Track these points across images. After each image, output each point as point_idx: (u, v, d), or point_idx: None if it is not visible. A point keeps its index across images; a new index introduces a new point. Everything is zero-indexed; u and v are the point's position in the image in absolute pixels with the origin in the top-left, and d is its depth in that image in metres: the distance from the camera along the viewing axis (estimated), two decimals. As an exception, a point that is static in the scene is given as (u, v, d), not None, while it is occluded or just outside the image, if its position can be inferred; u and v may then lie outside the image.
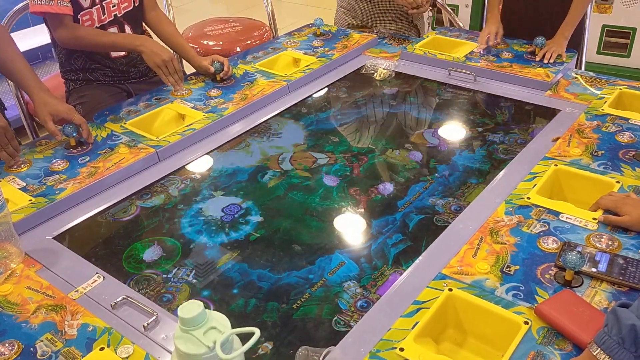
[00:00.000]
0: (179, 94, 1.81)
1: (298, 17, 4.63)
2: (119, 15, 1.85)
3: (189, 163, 1.55)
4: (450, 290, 1.04)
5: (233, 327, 0.84)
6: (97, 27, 1.80)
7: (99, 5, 1.79)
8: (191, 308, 0.77)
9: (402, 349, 0.94)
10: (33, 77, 1.56)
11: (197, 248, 1.27)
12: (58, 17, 1.71)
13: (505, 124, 1.69)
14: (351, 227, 1.33)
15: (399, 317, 1.00)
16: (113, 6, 1.83)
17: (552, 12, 2.04)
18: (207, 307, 1.09)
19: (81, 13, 1.76)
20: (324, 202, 1.40)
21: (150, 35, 2.07)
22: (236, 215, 1.35)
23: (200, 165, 1.56)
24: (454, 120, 1.76)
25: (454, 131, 1.71)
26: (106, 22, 1.83)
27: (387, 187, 1.44)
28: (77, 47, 1.82)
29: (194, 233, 1.31)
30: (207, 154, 1.59)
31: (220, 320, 0.80)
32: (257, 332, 0.77)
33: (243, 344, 0.79)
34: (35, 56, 3.31)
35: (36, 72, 2.82)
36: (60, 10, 1.69)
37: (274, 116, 1.76)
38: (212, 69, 1.85)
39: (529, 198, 1.27)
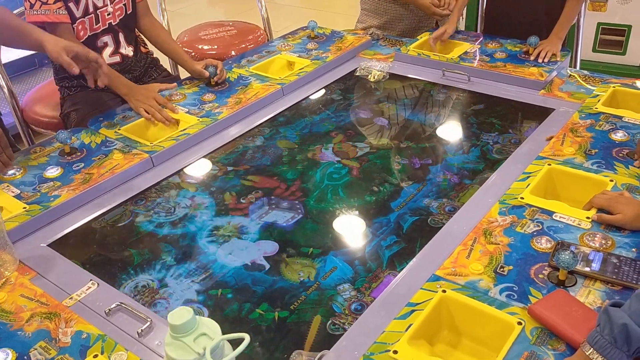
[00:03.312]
0: (173, 98, 1.81)
1: (293, 20, 4.63)
2: (113, 24, 1.85)
3: (183, 168, 1.55)
4: (444, 291, 1.04)
5: (227, 332, 0.84)
6: (89, 36, 1.80)
7: (92, 15, 1.79)
8: (181, 314, 0.77)
9: (395, 352, 0.94)
10: (36, 29, 1.51)
11: (191, 253, 1.27)
12: (56, 26, 1.71)
13: (499, 124, 1.69)
14: (345, 230, 1.33)
15: (392, 320, 1.00)
16: (108, 14, 1.82)
17: (546, 13, 2.04)
18: (201, 312, 1.10)
19: (74, 23, 1.76)
20: (319, 204, 1.40)
21: (143, 41, 2.07)
22: (231, 220, 1.35)
23: (195, 170, 1.56)
24: (448, 121, 1.76)
25: (448, 132, 1.71)
26: (99, 30, 1.83)
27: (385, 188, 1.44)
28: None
29: (188, 238, 1.31)
30: (202, 158, 1.59)
31: (210, 326, 0.80)
32: (247, 338, 0.76)
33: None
34: (32, 63, 3.31)
35: (32, 78, 2.80)
36: (57, 19, 1.69)
37: (268, 119, 1.76)
38: (207, 74, 1.86)
39: (522, 198, 1.27)
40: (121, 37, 1.89)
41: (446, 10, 2.21)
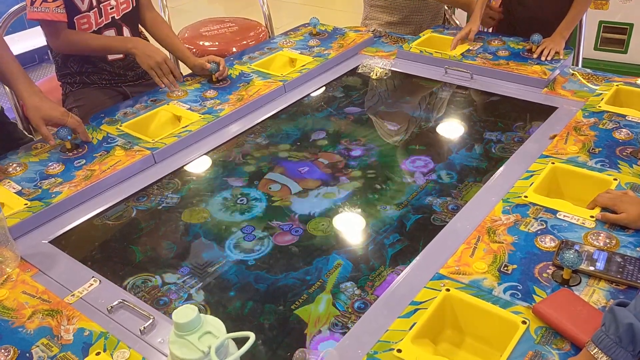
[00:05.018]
0: (175, 94, 1.80)
1: (294, 17, 4.62)
2: (117, 18, 1.84)
3: (185, 165, 1.55)
4: (448, 290, 1.04)
5: (229, 330, 0.83)
6: (93, 30, 1.80)
7: (96, 8, 1.78)
8: (186, 313, 0.77)
9: (399, 350, 0.94)
10: (26, 80, 1.55)
11: (193, 250, 1.26)
12: (53, 24, 1.71)
13: (502, 122, 1.68)
14: (348, 228, 1.33)
15: (396, 318, 1.00)
16: (111, 8, 1.82)
17: (552, 13, 2.03)
18: (204, 310, 1.10)
19: (78, 17, 1.76)
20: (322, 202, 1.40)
21: (146, 37, 2.06)
22: (234, 218, 1.35)
23: (197, 166, 1.56)
24: (451, 119, 1.75)
25: (450, 130, 1.70)
26: (103, 24, 1.82)
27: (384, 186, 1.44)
28: (71, 52, 1.83)
29: (191, 235, 1.31)
30: (204, 155, 1.59)
31: (215, 324, 0.79)
32: (252, 336, 0.76)
33: (239, 348, 0.79)
34: (32, 59, 3.30)
35: (32, 74, 2.80)
36: (56, 17, 1.69)
37: (270, 116, 1.76)
38: (208, 65, 1.85)
39: (526, 196, 1.26)
40: (125, 32, 1.88)
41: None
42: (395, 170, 1.51)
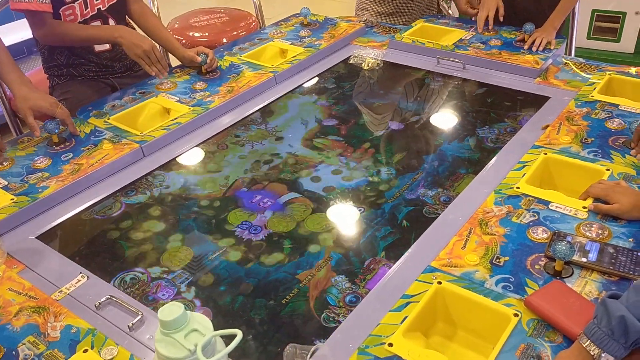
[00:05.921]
0: (164, 86, 1.78)
1: (286, 7, 4.58)
2: (102, 9, 1.81)
3: (174, 158, 1.53)
4: (440, 283, 1.03)
5: (219, 326, 0.82)
6: (79, 22, 1.77)
7: (81, 0, 1.75)
8: (172, 310, 0.75)
9: (390, 344, 0.93)
10: (15, 70, 1.54)
11: (183, 245, 1.25)
12: (38, 15, 1.68)
13: (494, 112, 1.67)
14: (340, 221, 1.31)
15: (387, 312, 0.99)
16: (97, 0, 1.79)
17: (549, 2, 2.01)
18: (193, 305, 1.09)
19: (63, 8, 1.73)
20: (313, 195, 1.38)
21: (133, 27, 2.03)
22: (224, 211, 1.33)
23: (187, 159, 1.54)
24: (443, 109, 1.74)
25: (442, 120, 1.69)
26: (89, 16, 1.79)
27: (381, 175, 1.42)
28: (57, 44, 1.80)
29: (180, 230, 1.29)
30: (194, 148, 1.57)
31: (202, 322, 0.78)
32: (239, 334, 0.75)
33: (228, 345, 0.78)
34: (20, 51, 3.26)
35: (21, 66, 2.77)
36: (40, 7, 1.65)
37: (260, 108, 1.74)
38: (199, 59, 1.83)
39: (518, 187, 1.25)
40: (111, 23, 1.85)
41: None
42: (387, 162, 1.49)
